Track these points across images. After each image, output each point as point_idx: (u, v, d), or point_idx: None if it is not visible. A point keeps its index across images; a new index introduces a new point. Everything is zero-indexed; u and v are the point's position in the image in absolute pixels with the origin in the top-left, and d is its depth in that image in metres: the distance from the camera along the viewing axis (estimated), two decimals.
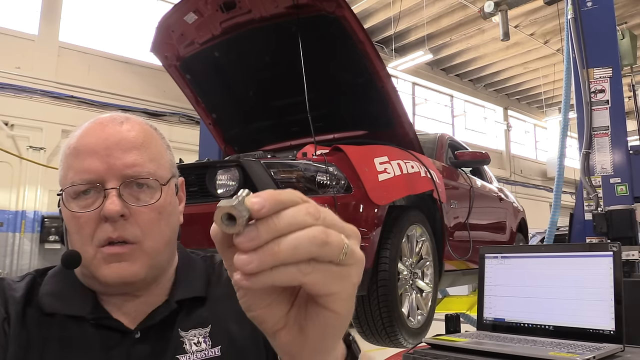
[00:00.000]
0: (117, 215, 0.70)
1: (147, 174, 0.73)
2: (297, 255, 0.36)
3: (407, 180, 2.68)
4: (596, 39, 3.27)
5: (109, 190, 0.70)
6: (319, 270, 0.37)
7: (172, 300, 0.76)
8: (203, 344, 0.75)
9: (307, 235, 0.36)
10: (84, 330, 0.72)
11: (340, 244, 0.37)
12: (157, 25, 3.16)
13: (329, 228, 0.38)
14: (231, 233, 0.36)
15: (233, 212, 0.36)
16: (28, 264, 8.22)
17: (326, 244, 0.37)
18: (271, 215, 0.36)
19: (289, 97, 3.22)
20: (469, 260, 3.39)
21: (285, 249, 0.36)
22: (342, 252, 0.37)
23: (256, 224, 0.36)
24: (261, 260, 0.36)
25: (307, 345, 0.42)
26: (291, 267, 0.36)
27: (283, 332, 0.41)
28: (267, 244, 0.36)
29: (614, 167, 3.09)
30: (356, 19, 2.72)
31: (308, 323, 0.41)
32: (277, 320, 0.41)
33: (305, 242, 0.36)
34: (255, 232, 0.36)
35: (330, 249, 0.37)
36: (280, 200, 0.37)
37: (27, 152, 8.28)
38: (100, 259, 0.71)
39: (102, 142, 0.72)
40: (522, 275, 1.72)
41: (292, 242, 0.36)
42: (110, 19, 9.74)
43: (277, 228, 0.36)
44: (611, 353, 1.39)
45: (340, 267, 0.38)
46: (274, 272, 0.36)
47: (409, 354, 1.56)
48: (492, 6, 7.73)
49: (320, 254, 0.37)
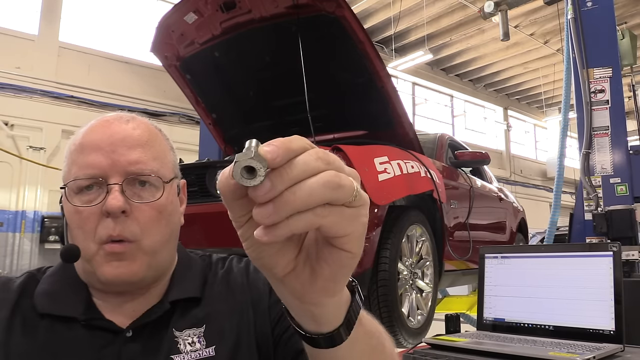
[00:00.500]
0: (119, 211, 0.70)
1: (150, 172, 0.74)
2: (312, 201, 0.37)
3: (407, 180, 2.68)
4: (596, 39, 3.28)
5: (112, 185, 0.71)
6: (334, 213, 0.38)
7: (166, 301, 0.76)
8: (197, 344, 0.75)
9: (322, 180, 0.37)
10: (75, 332, 0.72)
11: (351, 186, 0.39)
12: (157, 25, 3.16)
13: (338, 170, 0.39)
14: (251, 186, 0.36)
15: (253, 165, 0.36)
16: (28, 264, 8.22)
17: (340, 187, 0.38)
18: (284, 165, 0.37)
19: (289, 97, 3.22)
20: (469, 260, 3.39)
21: (301, 197, 0.36)
22: (354, 193, 0.39)
23: (270, 174, 0.36)
24: (278, 210, 0.36)
25: (316, 285, 0.43)
26: (308, 213, 0.37)
27: (292, 275, 0.43)
28: (283, 194, 0.36)
29: (614, 167, 3.09)
30: (356, 19, 2.72)
31: (321, 264, 0.42)
32: (286, 264, 0.42)
33: (320, 187, 0.37)
34: (270, 184, 0.36)
35: (343, 192, 0.38)
36: (292, 147, 0.37)
37: (27, 152, 8.28)
38: (102, 256, 0.71)
39: (107, 139, 0.73)
40: (522, 275, 1.72)
41: (307, 189, 0.37)
42: (110, 19, 9.74)
43: (291, 176, 0.36)
44: (611, 353, 1.39)
45: (351, 208, 0.39)
46: (291, 220, 0.37)
47: (409, 354, 1.56)
48: (492, 6, 7.73)
49: (334, 197, 0.37)
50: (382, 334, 0.57)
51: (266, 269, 0.43)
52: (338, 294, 0.46)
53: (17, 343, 0.70)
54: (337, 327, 0.48)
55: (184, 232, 0.83)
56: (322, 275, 0.42)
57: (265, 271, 0.43)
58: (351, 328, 0.49)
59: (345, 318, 0.48)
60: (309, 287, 0.43)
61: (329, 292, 0.44)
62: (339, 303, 0.47)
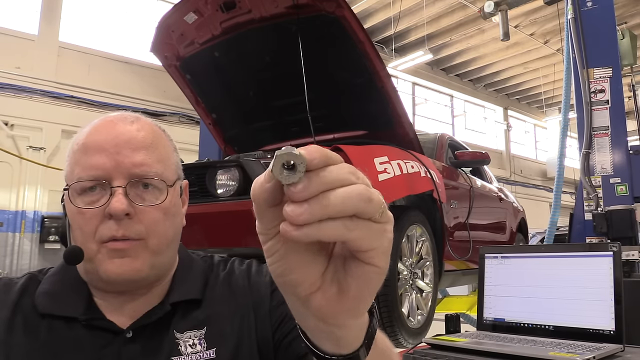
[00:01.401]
0: (123, 214, 0.70)
1: (154, 175, 0.73)
2: (344, 209, 0.37)
3: (407, 180, 2.68)
4: (596, 39, 3.27)
5: (116, 188, 0.71)
6: (361, 227, 0.38)
7: (167, 302, 0.76)
8: (198, 345, 0.75)
9: (355, 191, 0.37)
10: (76, 332, 0.72)
11: (380, 202, 0.39)
12: (157, 25, 3.16)
13: None
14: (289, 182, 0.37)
15: (295, 160, 0.36)
16: (28, 264, 8.22)
17: (371, 201, 0.38)
18: (321, 168, 0.37)
19: (289, 97, 3.22)
20: (469, 260, 3.39)
21: (335, 202, 0.37)
22: (382, 208, 0.39)
23: (307, 175, 0.37)
24: (312, 211, 0.36)
25: (344, 305, 0.42)
26: (337, 222, 0.37)
27: (319, 293, 0.41)
28: (318, 196, 0.37)
29: (614, 167, 3.09)
30: (356, 19, 2.72)
31: (349, 280, 0.41)
32: (313, 281, 0.41)
33: (354, 197, 0.37)
34: (308, 183, 0.37)
35: (373, 206, 0.38)
36: (328, 155, 0.38)
37: (27, 152, 8.28)
38: (104, 253, 0.71)
39: (112, 140, 0.72)
40: (522, 275, 1.72)
41: (342, 195, 0.37)
42: (110, 19, 9.74)
43: (326, 181, 0.37)
44: (611, 353, 1.39)
45: (378, 224, 0.39)
46: (322, 225, 0.37)
47: (409, 354, 1.56)
48: (492, 6, 7.73)
49: (364, 210, 0.38)
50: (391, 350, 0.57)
51: (290, 286, 0.42)
52: (363, 314, 0.45)
53: (18, 343, 0.70)
54: (357, 349, 0.47)
55: (184, 232, 0.83)
56: (349, 293, 0.41)
57: (289, 289, 0.42)
58: (369, 349, 0.48)
59: (364, 339, 0.48)
60: (335, 307, 0.42)
61: (356, 313, 0.44)
62: (361, 324, 0.47)
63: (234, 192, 2.38)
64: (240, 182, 2.37)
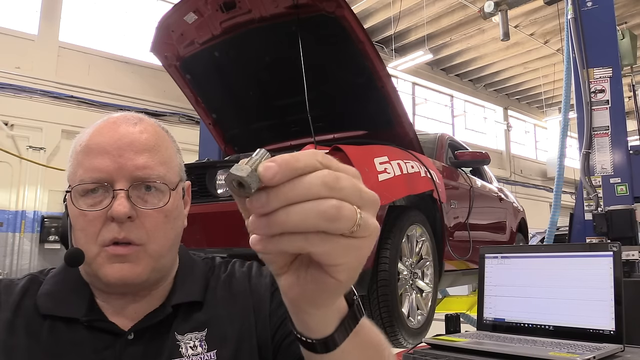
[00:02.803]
0: (125, 217, 0.70)
1: (157, 177, 0.73)
2: (304, 227, 0.36)
3: (407, 180, 2.68)
4: (596, 39, 3.27)
5: (118, 191, 0.71)
6: (327, 243, 0.37)
7: (168, 304, 0.76)
8: (199, 347, 0.75)
9: (317, 209, 0.35)
10: (77, 333, 0.72)
11: (351, 219, 0.37)
12: (157, 25, 3.16)
13: (344, 199, 0.37)
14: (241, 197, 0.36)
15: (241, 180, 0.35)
16: (28, 264, 8.22)
17: (336, 220, 0.36)
18: (284, 183, 0.35)
19: (289, 97, 3.22)
20: (469, 260, 3.39)
21: (293, 220, 0.35)
22: (354, 226, 0.37)
23: (267, 191, 0.35)
24: (269, 226, 0.36)
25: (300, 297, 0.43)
26: (299, 237, 0.36)
27: (284, 277, 0.42)
28: (276, 212, 0.35)
29: (614, 167, 3.09)
30: (356, 19, 2.72)
31: (308, 280, 0.41)
32: (281, 265, 0.42)
33: (313, 215, 0.35)
34: (265, 200, 0.35)
35: (340, 225, 0.36)
36: (295, 167, 0.36)
37: (27, 152, 8.28)
38: (104, 257, 0.71)
39: (115, 142, 0.72)
40: (522, 275, 1.72)
41: (301, 213, 0.35)
42: (110, 19, 9.74)
43: (287, 197, 0.35)
44: (611, 353, 1.39)
45: (350, 239, 0.37)
46: (282, 239, 0.36)
47: (409, 354, 1.56)
48: (492, 6, 7.72)
49: (329, 229, 0.36)
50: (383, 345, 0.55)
51: (267, 262, 0.42)
52: (323, 308, 0.45)
53: (20, 344, 0.70)
54: (326, 336, 0.47)
55: (183, 232, 0.83)
56: (306, 291, 0.42)
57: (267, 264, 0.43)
58: (345, 337, 0.48)
59: (336, 330, 0.47)
60: (293, 294, 0.43)
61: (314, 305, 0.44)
62: (325, 315, 0.46)
63: None
64: None
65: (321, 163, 0.37)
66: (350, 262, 0.39)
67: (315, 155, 0.38)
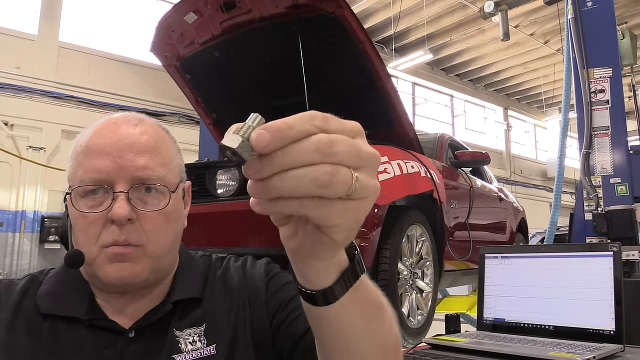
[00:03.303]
0: (125, 220, 0.70)
1: (157, 179, 0.73)
2: (299, 193, 0.36)
3: (407, 180, 2.68)
4: (596, 39, 3.27)
5: (118, 193, 0.70)
6: (322, 207, 0.37)
7: (168, 301, 0.77)
8: (198, 342, 0.75)
9: (310, 175, 0.36)
10: (78, 332, 0.72)
11: (346, 184, 0.37)
12: (157, 25, 3.15)
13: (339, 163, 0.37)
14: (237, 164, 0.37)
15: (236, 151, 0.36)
16: (28, 264, 8.22)
17: (329, 186, 0.36)
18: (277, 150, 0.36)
19: (289, 97, 3.22)
20: (469, 260, 3.39)
21: (288, 186, 0.36)
22: (350, 189, 0.37)
23: (260, 158, 0.36)
24: (265, 191, 0.36)
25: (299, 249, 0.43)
26: (294, 201, 0.37)
27: (285, 228, 0.43)
28: (271, 178, 0.36)
29: (614, 167, 3.09)
30: (356, 19, 2.72)
31: (305, 236, 0.42)
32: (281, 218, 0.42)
33: (307, 182, 0.36)
34: (259, 167, 0.36)
35: (334, 190, 0.37)
36: (288, 135, 0.36)
37: (27, 152, 8.28)
38: (104, 258, 0.71)
39: (115, 143, 0.72)
40: (522, 275, 1.72)
41: (294, 180, 0.36)
42: (110, 19, 9.74)
43: (280, 164, 0.36)
44: (611, 353, 1.39)
45: (347, 201, 0.38)
46: (278, 203, 0.37)
47: (409, 354, 1.56)
48: (492, 6, 7.73)
49: (323, 194, 0.37)
50: (384, 306, 0.56)
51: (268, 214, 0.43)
52: (322, 261, 0.45)
53: (20, 344, 0.70)
54: (325, 288, 0.47)
55: (183, 232, 0.83)
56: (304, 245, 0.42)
57: None
58: (345, 290, 0.48)
59: (335, 282, 0.47)
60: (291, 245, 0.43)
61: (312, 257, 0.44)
62: (325, 267, 0.46)
63: (234, 192, 2.38)
64: (240, 182, 2.37)
65: (317, 127, 0.37)
66: (347, 223, 0.39)
67: (312, 119, 0.38)
